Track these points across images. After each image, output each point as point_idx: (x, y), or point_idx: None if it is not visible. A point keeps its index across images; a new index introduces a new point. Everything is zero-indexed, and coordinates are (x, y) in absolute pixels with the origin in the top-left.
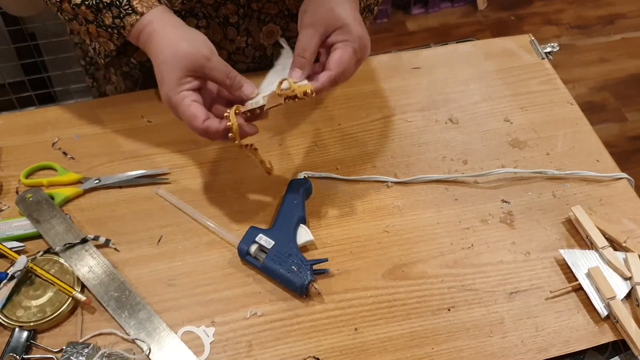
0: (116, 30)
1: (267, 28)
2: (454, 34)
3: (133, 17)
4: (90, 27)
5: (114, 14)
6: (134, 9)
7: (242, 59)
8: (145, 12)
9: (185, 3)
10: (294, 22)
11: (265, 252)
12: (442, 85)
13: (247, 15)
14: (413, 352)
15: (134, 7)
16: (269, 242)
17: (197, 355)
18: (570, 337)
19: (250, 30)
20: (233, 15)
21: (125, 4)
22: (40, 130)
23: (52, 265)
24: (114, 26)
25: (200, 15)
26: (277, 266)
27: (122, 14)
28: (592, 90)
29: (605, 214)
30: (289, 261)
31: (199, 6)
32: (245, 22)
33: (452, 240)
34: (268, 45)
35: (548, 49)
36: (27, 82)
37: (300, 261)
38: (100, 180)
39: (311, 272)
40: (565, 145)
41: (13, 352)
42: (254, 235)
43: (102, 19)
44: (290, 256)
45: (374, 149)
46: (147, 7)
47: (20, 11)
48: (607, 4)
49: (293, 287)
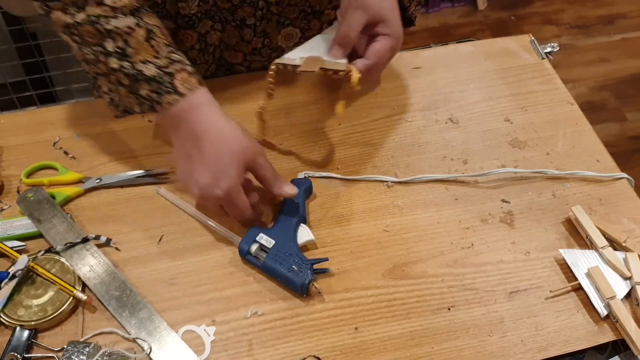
0: (149, 103)
1: (286, 31)
2: (454, 34)
3: (173, 96)
4: (120, 89)
5: (152, 88)
6: (176, 88)
7: (258, 58)
8: (187, 94)
9: (202, 5)
10: (315, 19)
11: (265, 251)
12: (442, 85)
13: (266, 18)
14: (413, 351)
15: (175, 86)
16: (269, 241)
17: (197, 354)
18: (570, 336)
19: (268, 33)
20: (250, 17)
21: (167, 83)
22: (41, 129)
23: (53, 265)
24: (149, 99)
25: (216, 19)
26: (277, 265)
27: (161, 90)
28: (592, 90)
29: (605, 214)
30: (289, 260)
31: (215, 10)
32: (262, 24)
33: (452, 240)
34: (286, 47)
35: (548, 49)
36: (28, 82)
37: (301, 260)
38: (101, 179)
39: (311, 272)
40: (565, 145)
41: (14, 351)
42: (254, 235)
43: (137, 88)
44: (290, 255)
45: (374, 149)
46: (189, 89)
47: (21, 11)
48: (607, 4)
49: (294, 287)
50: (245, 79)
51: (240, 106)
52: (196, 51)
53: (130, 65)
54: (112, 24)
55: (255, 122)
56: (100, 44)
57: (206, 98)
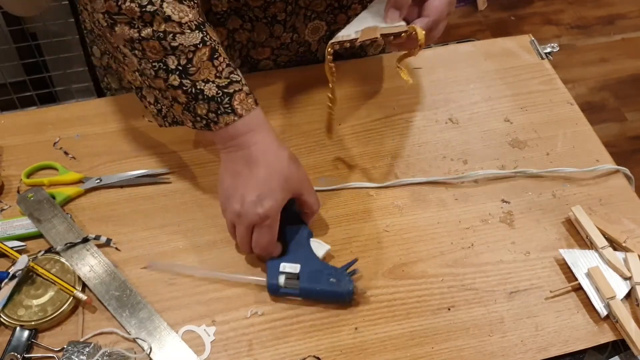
0: (205, 121)
1: (313, 24)
2: (454, 34)
3: (231, 117)
4: (175, 106)
5: (211, 107)
6: (234, 109)
7: (285, 52)
8: (245, 115)
9: (232, 3)
10: (342, 14)
11: (294, 278)
12: (442, 85)
13: (294, 12)
14: (413, 351)
15: (234, 107)
16: (294, 267)
17: (197, 355)
18: (570, 336)
19: (297, 27)
20: (281, 13)
21: (226, 103)
22: (41, 129)
23: (53, 265)
24: (206, 118)
25: (246, 18)
26: (315, 285)
27: (219, 111)
28: (592, 90)
29: (605, 214)
30: (324, 276)
31: (246, 9)
32: (292, 19)
33: (452, 240)
34: (313, 41)
35: (548, 49)
36: (28, 82)
37: (335, 271)
38: (101, 179)
39: (349, 277)
40: (565, 145)
41: (14, 351)
42: (276, 267)
43: (194, 107)
44: (322, 271)
45: (374, 149)
46: (246, 110)
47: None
48: (607, 4)
49: (340, 298)
50: (271, 76)
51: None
52: (223, 47)
53: (191, 83)
54: (179, 41)
55: None
56: (162, 61)
57: (261, 120)
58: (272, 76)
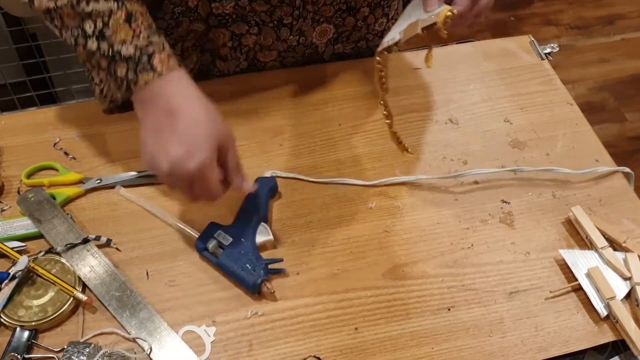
0: (125, 83)
1: (321, 28)
2: (454, 34)
3: (150, 74)
4: (101, 74)
5: (129, 67)
6: (154, 67)
7: (292, 55)
8: (165, 74)
9: (238, 9)
10: (351, 17)
11: (222, 248)
12: (442, 86)
13: (302, 16)
14: (413, 352)
15: (153, 65)
16: (227, 238)
17: (198, 355)
18: (570, 337)
19: (304, 30)
20: (287, 17)
21: (145, 61)
22: (41, 130)
23: (54, 265)
24: (125, 78)
25: (252, 23)
26: (231, 263)
27: (138, 69)
28: (591, 91)
29: (605, 214)
30: (243, 259)
31: (252, 14)
32: (299, 23)
33: (452, 240)
34: (320, 43)
35: (548, 50)
36: (28, 83)
37: (256, 260)
38: (101, 180)
39: (265, 271)
40: (565, 145)
41: (14, 352)
42: (213, 231)
43: (115, 69)
44: (246, 254)
45: (375, 149)
46: (167, 69)
47: (21, 11)
48: (607, 4)
49: (246, 285)
50: (272, 75)
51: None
52: (228, 48)
53: (108, 45)
54: (92, 7)
55: None
56: (79, 26)
57: (184, 77)
58: (272, 76)
